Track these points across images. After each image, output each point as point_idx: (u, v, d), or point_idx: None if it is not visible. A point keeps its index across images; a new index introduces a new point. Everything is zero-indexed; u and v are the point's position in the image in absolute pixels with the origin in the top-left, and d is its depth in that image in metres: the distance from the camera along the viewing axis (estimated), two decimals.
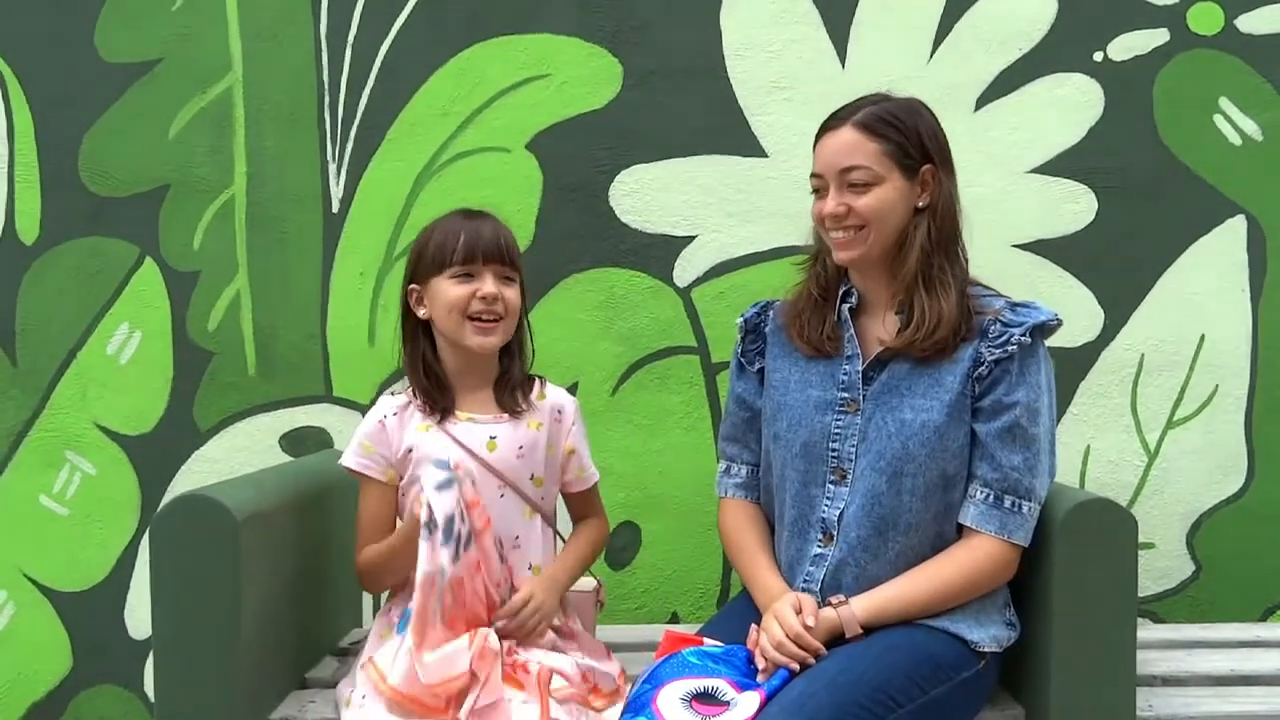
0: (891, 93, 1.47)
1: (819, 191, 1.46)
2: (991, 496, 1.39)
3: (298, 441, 2.15)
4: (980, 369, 1.40)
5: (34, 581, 2.15)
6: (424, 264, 1.47)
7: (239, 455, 2.14)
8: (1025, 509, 1.39)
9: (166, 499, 2.08)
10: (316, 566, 1.68)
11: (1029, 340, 1.39)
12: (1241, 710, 1.49)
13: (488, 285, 1.45)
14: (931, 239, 1.42)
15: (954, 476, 1.41)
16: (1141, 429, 2.15)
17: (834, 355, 1.48)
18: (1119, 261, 2.12)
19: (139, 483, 2.14)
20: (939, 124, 1.47)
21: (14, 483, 2.15)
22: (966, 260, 1.47)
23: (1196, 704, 1.51)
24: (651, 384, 2.15)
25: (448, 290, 1.45)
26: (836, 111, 1.46)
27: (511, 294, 1.48)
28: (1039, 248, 2.14)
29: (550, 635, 1.46)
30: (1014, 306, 1.42)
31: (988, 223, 2.10)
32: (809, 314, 1.50)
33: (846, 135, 1.42)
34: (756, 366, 1.57)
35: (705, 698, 1.29)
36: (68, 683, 2.14)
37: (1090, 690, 1.41)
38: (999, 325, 1.40)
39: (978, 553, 1.39)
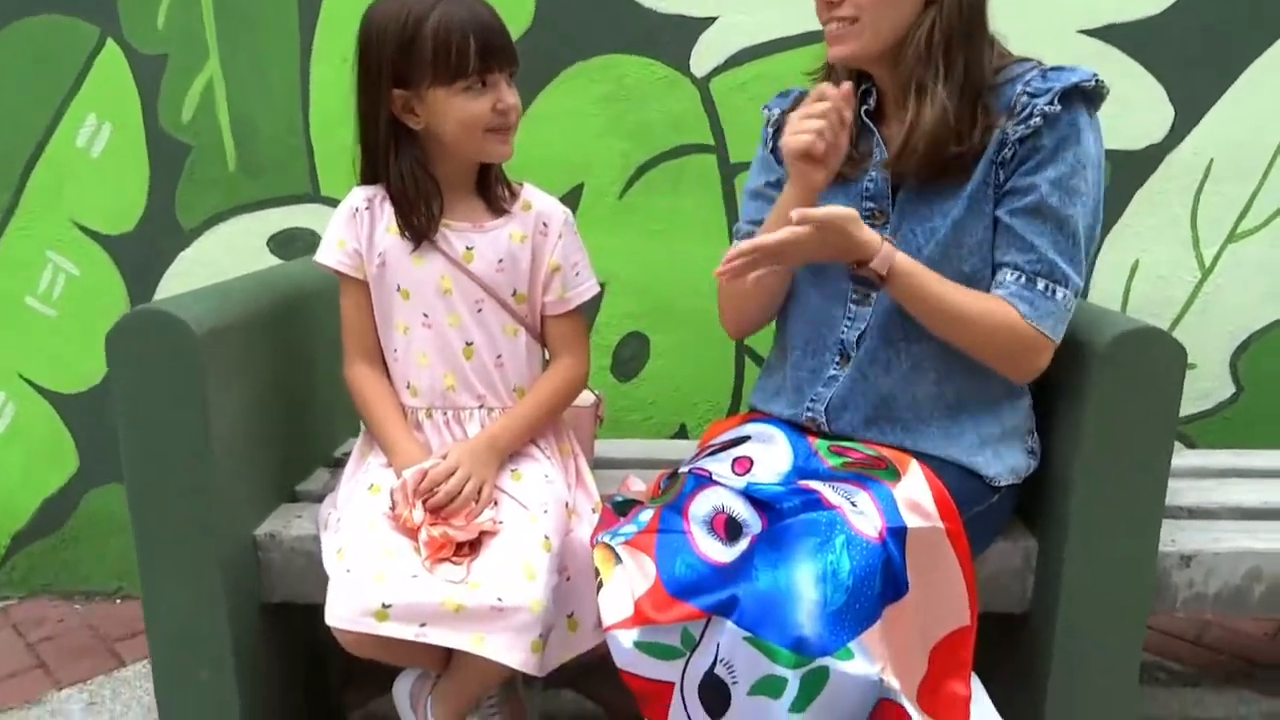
0: None
1: None
2: (1023, 279, 1.23)
3: (286, 243, 2.03)
4: (1005, 151, 1.22)
5: (31, 383, 2.12)
6: (418, 69, 1.25)
7: (226, 258, 2.03)
8: (1060, 295, 1.23)
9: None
10: (300, 377, 1.61)
11: (1057, 108, 1.20)
12: (1268, 548, 1.41)
13: (506, 96, 1.29)
14: (932, 39, 1.21)
15: (971, 275, 1.27)
16: (1199, 242, 1.97)
17: (855, 179, 1.31)
18: (1197, 53, 1.88)
19: (125, 284, 2.06)
20: None
21: None
22: (990, 62, 1.25)
23: (1222, 540, 1.43)
24: (663, 185, 1.98)
25: (464, 106, 1.26)
26: None
27: (516, 94, 1.32)
28: (1108, 33, 1.89)
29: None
30: (1044, 73, 1.23)
31: (1052, 3, 1.86)
32: None
33: None
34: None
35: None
36: (76, 481, 2.15)
37: (1112, 526, 1.33)
38: (1025, 97, 1.22)
39: (1001, 314, 1.23)
